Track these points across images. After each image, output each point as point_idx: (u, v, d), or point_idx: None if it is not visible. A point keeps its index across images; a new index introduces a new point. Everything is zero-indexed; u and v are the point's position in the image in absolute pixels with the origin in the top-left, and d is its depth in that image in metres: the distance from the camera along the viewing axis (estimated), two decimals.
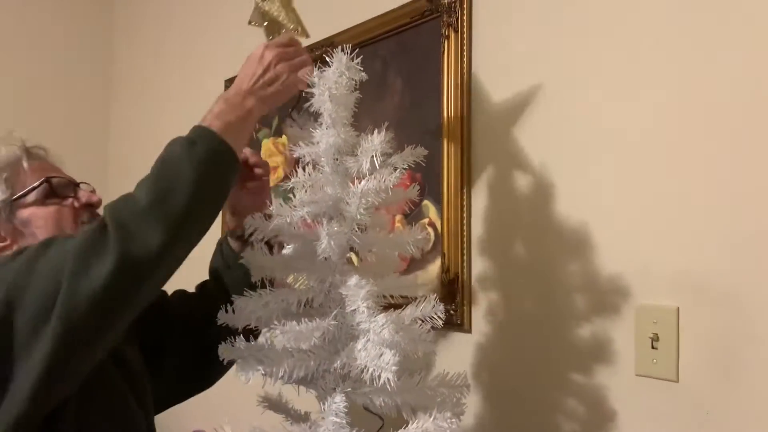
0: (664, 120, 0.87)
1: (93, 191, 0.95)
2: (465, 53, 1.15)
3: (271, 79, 0.79)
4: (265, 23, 0.88)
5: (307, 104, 0.78)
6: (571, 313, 0.97)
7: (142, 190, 0.70)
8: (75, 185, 0.93)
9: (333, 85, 0.72)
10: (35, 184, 0.88)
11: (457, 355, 1.10)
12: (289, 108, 0.85)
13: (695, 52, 0.85)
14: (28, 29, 2.36)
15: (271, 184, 1.03)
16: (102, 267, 0.64)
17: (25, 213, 0.86)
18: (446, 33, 1.18)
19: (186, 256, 0.70)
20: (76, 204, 0.91)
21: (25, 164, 0.89)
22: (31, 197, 0.87)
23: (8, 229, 0.85)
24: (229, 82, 1.84)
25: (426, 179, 1.18)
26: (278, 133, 1.56)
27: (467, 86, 1.14)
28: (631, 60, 0.91)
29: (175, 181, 0.68)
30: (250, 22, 0.92)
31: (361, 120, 0.89)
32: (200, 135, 0.73)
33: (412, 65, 1.25)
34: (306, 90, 0.78)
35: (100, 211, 0.91)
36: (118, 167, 2.47)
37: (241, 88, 0.80)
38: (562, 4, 1.00)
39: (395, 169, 0.71)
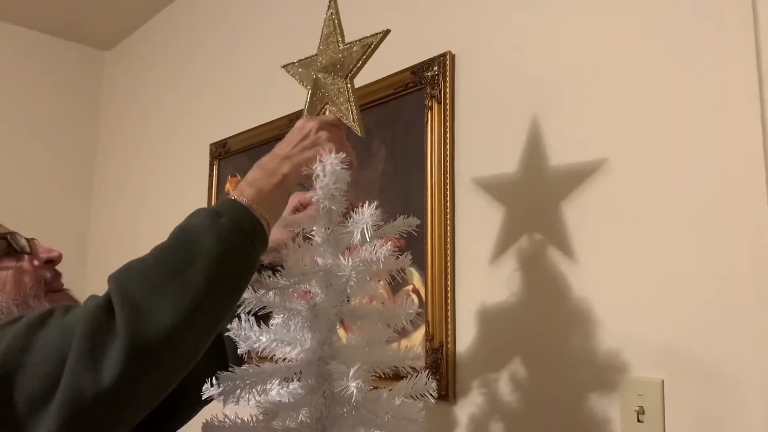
0: (650, 195, 0.90)
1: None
2: (448, 123, 1.18)
3: (309, 144, 0.75)
4: (311, 89, 0.84)
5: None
6: (557, 386, 0.96)
7: (156, 260, 0.62)
8: (28, 240, 0.85)
9: (327, 159, 0.73)
10: None
11: (441, 428, 1.07)
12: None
13: (681, 126, 0.89)
14: (14, 89, 2.40)
15: None
16: (110, 356, 0.56)
17: None
18: (429, 104, 1.22)
19: (207, 341, 0.63)
20: (36, 262, 0.82)
21: None
22: None
23: None
24: (214, 146, 1.85)
25: (410, 245, 1.18)
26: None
27: (450, 155, 1.17)
28: (617, 128, 0.94)
29: (195, 253, 0.61)
30: (290, 72, 0.87)
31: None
32: (227, 207, 0.67)
33: (396, 134, 1.28)
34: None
35: (60, 267, 0.86)
36: (99, 231, 2.44)
37: (278, 153, 0.75)
38: (542, 78, 1.05)
39: (387, 240, 0.71)
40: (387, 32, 0.81)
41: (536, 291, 1.01)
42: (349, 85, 0.81)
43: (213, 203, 1.83)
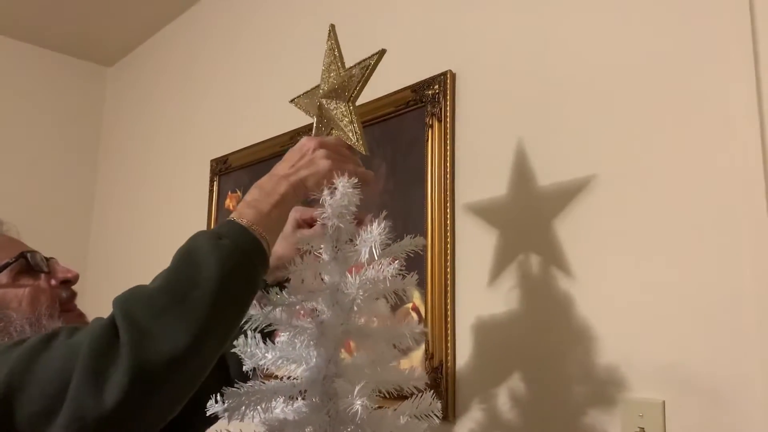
0: (650, 213, 0.91)
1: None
2: (448, 142, 1.19)
3: (306, 163, 0.75)
4: (317, 117, 0.87)
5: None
6: (558, 406, 0.96)
7: (160, 284, 0.62)
8: (47, 260, 0.86)
9: (338, 181, 0.73)
10: (10, 260, 0.81)
11: None
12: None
13: (681, 144, 0.90)
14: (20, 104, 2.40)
15: None
16: (113, 378, 0.56)
17: None
18: (430, 122, 1.23)
19: (211, 363, 0.63)
20: (53, 281, 0.84)
21: None
22: (3, 275, 0.80)
23: None
24: (214, 162, 1.85)
25: (409, 262, 1.18)
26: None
27: (451, 173, 1.18)
28: (618, 147, 0.95)
29: (198, 277, 0.61)
30: (297, 105, 0.90)
31: None
32: (228, 229, 0.67)
33: (397, 152, 1.29)
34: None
35: (76, 287, 0.87)
36: (99, 246, 2.43)
37: (275, 174, 0.75)
38: (542, 97, 1.06)
39: (394, 259, 0.72)
40: (383, 52, 0.83)
41: (538, 310, 1.01)
42: (351, 107, 0.84)
43: (213, 219, 1.83)
